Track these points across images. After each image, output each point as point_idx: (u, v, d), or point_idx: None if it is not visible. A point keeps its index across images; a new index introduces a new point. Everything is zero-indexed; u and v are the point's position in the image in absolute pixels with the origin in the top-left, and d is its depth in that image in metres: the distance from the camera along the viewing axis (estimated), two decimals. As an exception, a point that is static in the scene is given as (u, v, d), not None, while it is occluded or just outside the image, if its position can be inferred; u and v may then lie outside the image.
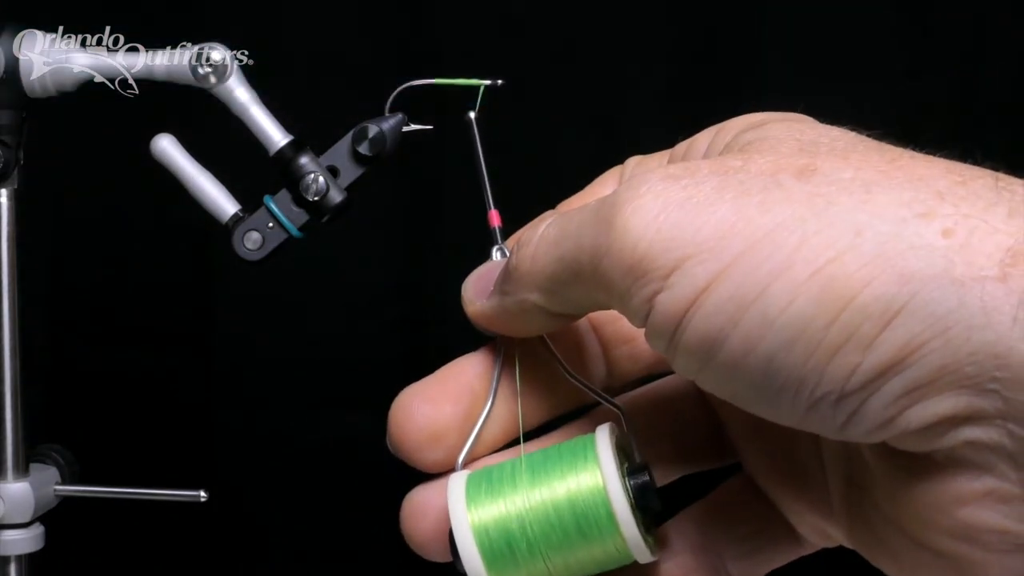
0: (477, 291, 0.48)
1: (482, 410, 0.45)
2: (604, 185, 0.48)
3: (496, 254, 0.49)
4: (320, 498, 1.00)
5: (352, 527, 1.00)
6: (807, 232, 0.35)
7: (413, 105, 0.55)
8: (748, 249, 0.35)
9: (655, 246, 0.37)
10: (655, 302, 0.37)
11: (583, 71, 0.95)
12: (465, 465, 0.45)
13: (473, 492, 0.43)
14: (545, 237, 0.42)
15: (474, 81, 0.55)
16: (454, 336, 1.00)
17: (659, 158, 0.47)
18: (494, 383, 0.46)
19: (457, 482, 0.44)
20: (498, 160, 0.57)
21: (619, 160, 0.57)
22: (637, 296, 0.38)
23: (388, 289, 0.99)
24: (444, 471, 0.46)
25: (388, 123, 0.54)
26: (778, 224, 0.35)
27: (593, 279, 0.39)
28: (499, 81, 0.54)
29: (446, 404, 0.46)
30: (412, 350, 0.99)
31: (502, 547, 0.43)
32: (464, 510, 0.43)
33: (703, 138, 0.44)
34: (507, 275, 0.45)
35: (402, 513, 0.46)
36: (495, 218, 0.51)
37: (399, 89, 0.54)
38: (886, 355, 0.35)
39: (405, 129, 0.55)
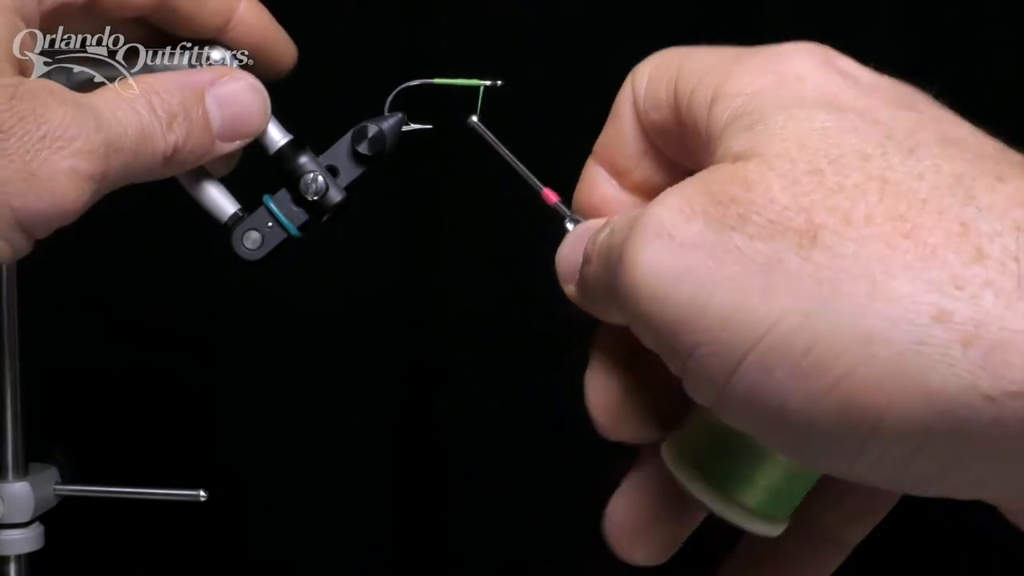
0: (566, 273, 0.49)
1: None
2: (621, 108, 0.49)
3: (570, 225, 0.49)
4: (320, 498, 1.00)
5: (352, 527, 1.00)
6: (815, 334, 0.33)
7: (413, 104, 0.55)
8: (756, 345, 0.34)
9: (666, 326, 0.36)
10: (686, 381, 0.37)
11: (583, 70, 0.95)
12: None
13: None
14: (599, 254, 0.43)
15: (474, 81, 0.55)
16: (454, 336, 1.01)
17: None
18: None
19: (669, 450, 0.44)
20: (497, 160, 0.57)
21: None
22: (669, 363, 0.38)
23: (388, 289, 0.99)
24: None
25: (387, 123, 0.54)
26: (783, 315, 0.34)
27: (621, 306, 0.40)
28: (499, 82, 0.54)
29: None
30: (412, 350, 0.99)
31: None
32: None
33: (698, 94, 0.43)
34: (583, 284, 0.46)
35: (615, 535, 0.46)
36: (551, 195, 0.51)
37: (398, 89, 0.54)
38: (928, 470, 0.34)
39: (405, 128, 0.55)
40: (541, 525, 0.99)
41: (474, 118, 0.52)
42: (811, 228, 0.34)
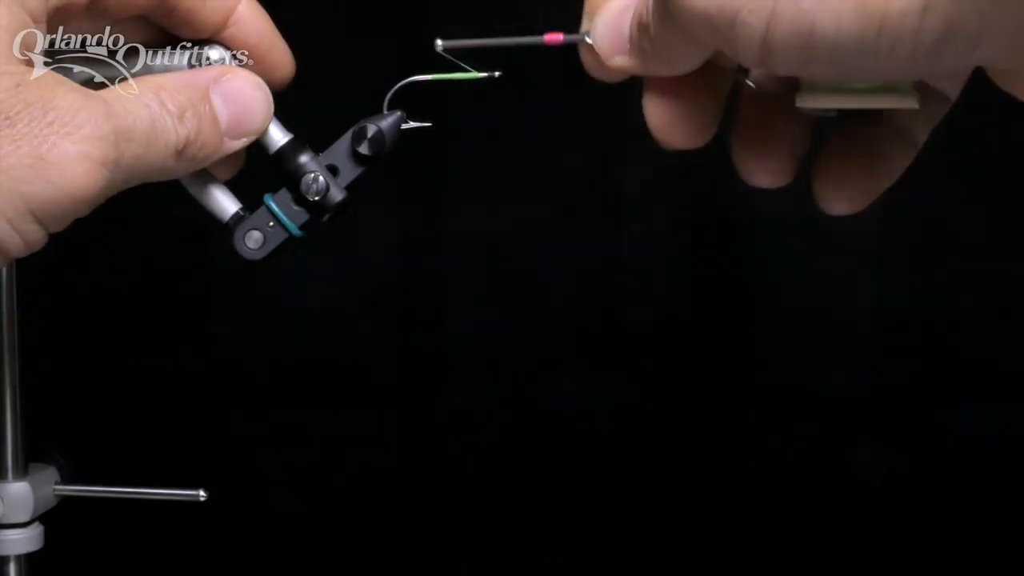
0: (614, 46, 0.50)
1: None
2: None
3: (589, 39, 0.51)
4: (320, 498, 1.00)
5: (352, 527, 1.00)
6: None
7: (411, 102, 0.55)
8: None
9: (712, 11, 0.42)
10: (737, 53, 0.42)
11: (583, 71, 0.95)
12: None
13: None
14: (654, 23, 0.46)
15: (471, 74, 0.55)
16: (454, 336, 1.01)
17: None
18: None
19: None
20: (497, 157, 0.57)
21: (618, 156, 0.57)
22: (722, 48, 0.43)
23: (388, 289, 0.99)
24: None
25: (386, 121, 0.54)
26: None
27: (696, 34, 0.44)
28: (496, 73, 0.54)
29: None
30: (412, 350, 0.99)
31: None
32: None
33: None
34: (642, 36, 0.48)
35: None
36: (556, 36, 0.52)
37: (397, 86, 0.54)
38: (930, 48, 0.40)
39: (404, 127, 0.55)
40: (541, 525, 0.99)
41: (439, 42, 0.52)
42: None
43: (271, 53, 0.53)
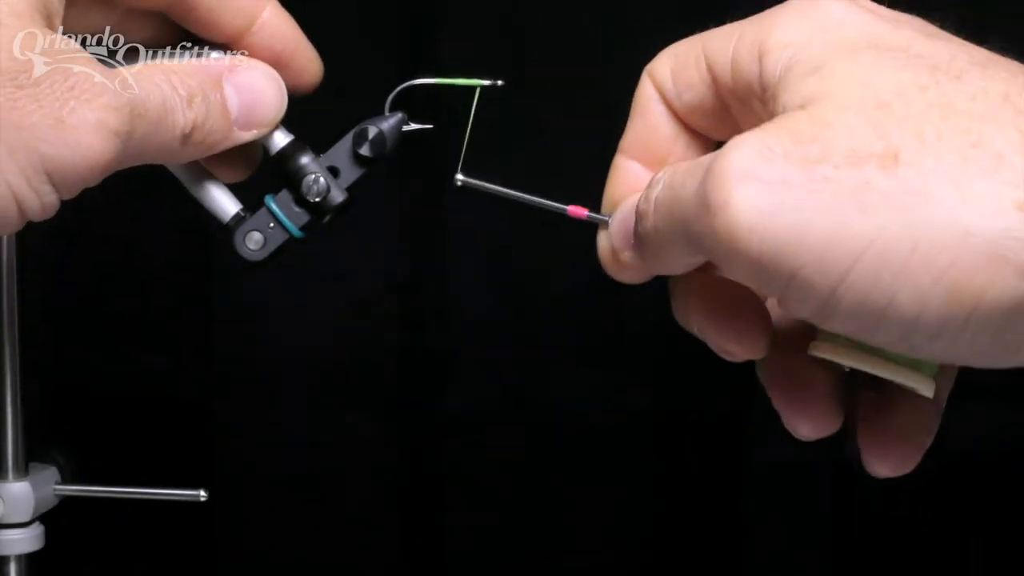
0: (623, 241, 0.51)
1: None
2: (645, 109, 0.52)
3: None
4: (320, 498, 1.00)
5: (352, 527, 1.00)
6: (917, 236, 0.38)
7: (413, 104, 0.55)
8: (861, 256, 0.39)
9: (766, 257, 0.40)
10: (785, 301, 0.41)
11: (583, 69, 0.95)
12: None
13: None
14: (659, 211, 0.45)
15: (473, 81, 0.55)
16: (454, 336, 1.01)
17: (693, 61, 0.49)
18: None
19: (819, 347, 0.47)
20: (497, 159, 0.57)
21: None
22: (763, 291, 0.42)
23: (388, 289, 0.98)
24: None
25: (388, 123, 0.54)
26: (882, 228, 0.38)
27: (714, 259, 0.42)
28: (499, 81, 0.54)
29: None
30: (412, 350, 0.99)
31: None
32: None
33: (742, 53, 0.46)
34: (641, 243, 0.48)
35: None
36: (579, 211, 0.52)
37: (398, 89, 0.54)
38: (1005, 346, 0.40)
39: (405, 128, 0.55)
40: (541, 525, 0.99)
41: (460, 177, 0.52)
42: (891, 149, 0.39)
43: (296, 60, 0.53)
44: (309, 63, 0.54)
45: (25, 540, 0.72)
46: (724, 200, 0.40)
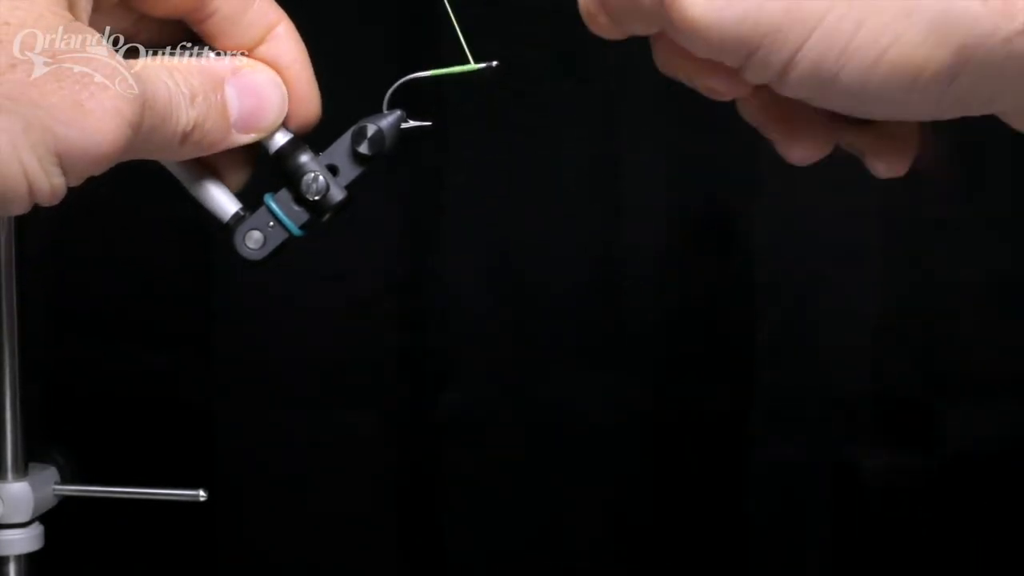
0: (596, 6, 0.49)
1: None
2: None
3: None
4: (320, 498, 1.00)
5: (352, 527, 1.00)
6: (861, 17, 0.40)
7: (411, 101, 0.55)
8: (809, 36, 0.41)
9: (725, 42, 0.42)
10: (744, 70, 0.43)
11: (583, 70, 0.95)
12: None
13: None
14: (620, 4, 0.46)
15: (469, 67, 0.55)
16: (454, 335, 1.01)
17: None
18: None
19: None
20: (497, 157, 0.57)
21: (616, 161, 0.57)
22: (723, 62, 0.43)
23: (388, 289, 0.99)
24: None
25: (386, 121, 0.54)
26: (830, 8, 0.40)
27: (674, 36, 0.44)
28: (493, 63, 0.54)
29: None
30: (412, 350, 0.99)
31: None
32: None
33: None
34: (614, 17, 0.47)
35: None
36: None
37: (396, 85, 0.54)
38: (956, 99, 0.41)
39: (404, 126, 0.55)
40: (541, 525, 0.99)
41: None
42: None
43: (299, 84, 0.53)
44: (311, 92, 0.53)
45: (25, 540, 0.72)
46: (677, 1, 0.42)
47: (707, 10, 0.41)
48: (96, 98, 0.45)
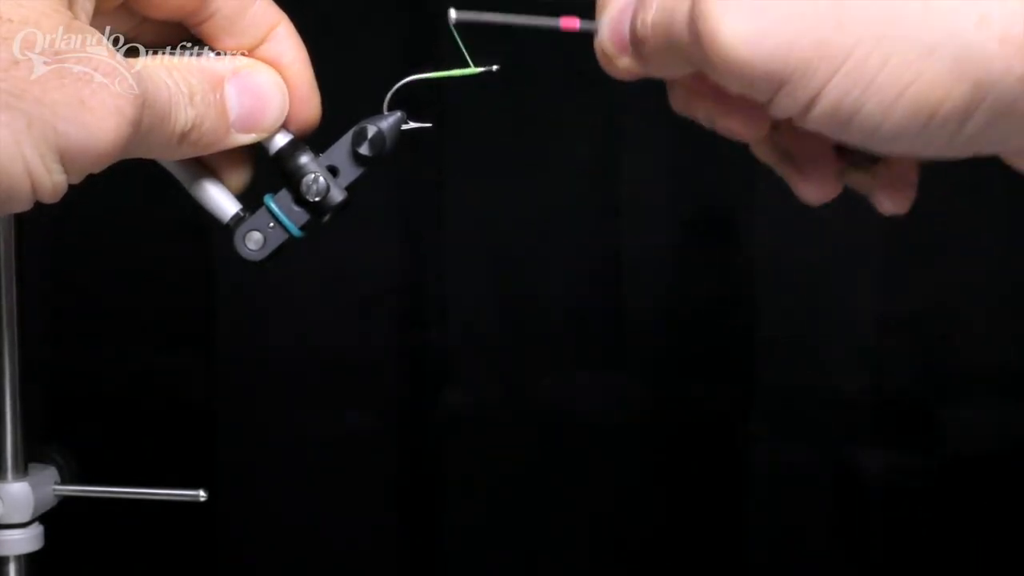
0: (617, 46, 0.50)
1: None
2: None
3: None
4: (320, 497, 1.00)
5: (352, 526, 1.00)
6: (887, 54, 0.41)
7: (412, 102, 0.55)
8: (837, 71, 0.41)
9: (755, 79, 0.42)
10: (769, 108, 0.43)
11: (584, 68, 0.95)
12: None
13: None
14: (656, 35, 0.46)
15: (469, 70, 0.54)
16: (454, 336, 1.01)
17: None
18: None
19: None
20: (497, 157, 0.57)
21: (616, 162, 0.57)
22: (753, 96, 0.44)
23: (388, 289, 0.99)
24: None
25: (387, 122, 0.54)
26: (856, 45, 0.41)
27: (710, 75, 0.44)
28: (494, 67, 0.54)
29: None
30: (412, 350, 0.99)
31: None
32: None
33: None
34: (643, 59, 0.48)
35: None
36: (572, 21, 0.51)
37: (396, 86, 0.54)
38: (969, 137, 0.42)
39: (404, 127, 0.55)
40: (541, 525, 0.99)
41: (453, 13, 0.52)
42: None
43: (300, 85, 0.53)
44: (311, 94, 0.53)
45: (25, 540, 0.72)
46: (712, 30, 0.42)
47: (743, 45, 0.42)
48: (97, 96, 0.45)
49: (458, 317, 0.99)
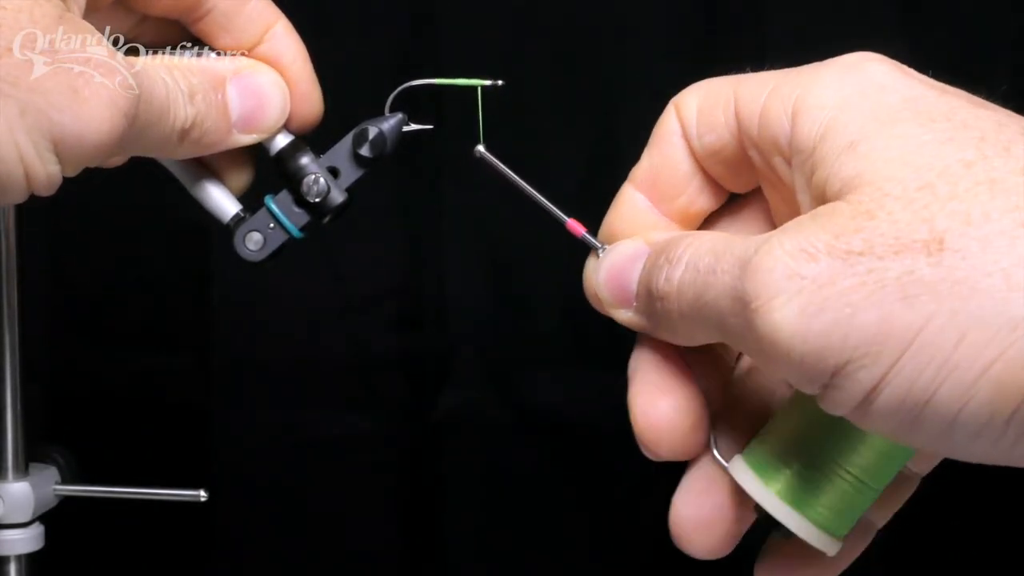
0: (617, 297, 0.48)
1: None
2: (664, 142, 0.50)
3: (601, 253, 0.49)
4: (320, 498, 1.00)
5: (352, 527, 1.00)
6: (963, 328, 0.36)
7: (413, 104, 0.55)
8: (906, 350, 0.37)
9: (808, 356, 0.38)
10: (823, 398, 0.39)
11: (583, 70, 0.95)
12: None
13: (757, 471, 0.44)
14: (684, 295, 0.43)
15: (474, 81, 0.55)
16: (454, 336, 1.01)
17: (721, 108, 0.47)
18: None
19: (741, 466, 0.45)
20: (495, 156, 0.57)
21: (615, 163, 0.57)
22: (801, 386, 0.39)
23: (388, 289, 0.99)
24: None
25: (388, 124, 0.54)
26: (928, 320, 0.36)
27: (748, 352, 0.41)
28: (499, 82, 0.54)
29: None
30: (411, 350, 0.99)
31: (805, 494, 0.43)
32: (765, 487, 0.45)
33: (773, 106, 0.44)
34: (655, 318, 0.46)
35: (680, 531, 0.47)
36: (577, 227, 0.51)
37: (398, 89, 0.54)
38: None
39: (405, 129, 0.55)
40: (541, 525, 0.99)
41: (481, 148, 0.52)
42: (936, 235, 0.37)
43: (300, 84, 0.53)
44: (312, 91, 0.53)
45: (25, 540, 0.73)
46: (766, 302, 0.38)
47: (795, 319, 0.38)
48: (92, 87, 0.45)
49: (458, 317, 0.99)
